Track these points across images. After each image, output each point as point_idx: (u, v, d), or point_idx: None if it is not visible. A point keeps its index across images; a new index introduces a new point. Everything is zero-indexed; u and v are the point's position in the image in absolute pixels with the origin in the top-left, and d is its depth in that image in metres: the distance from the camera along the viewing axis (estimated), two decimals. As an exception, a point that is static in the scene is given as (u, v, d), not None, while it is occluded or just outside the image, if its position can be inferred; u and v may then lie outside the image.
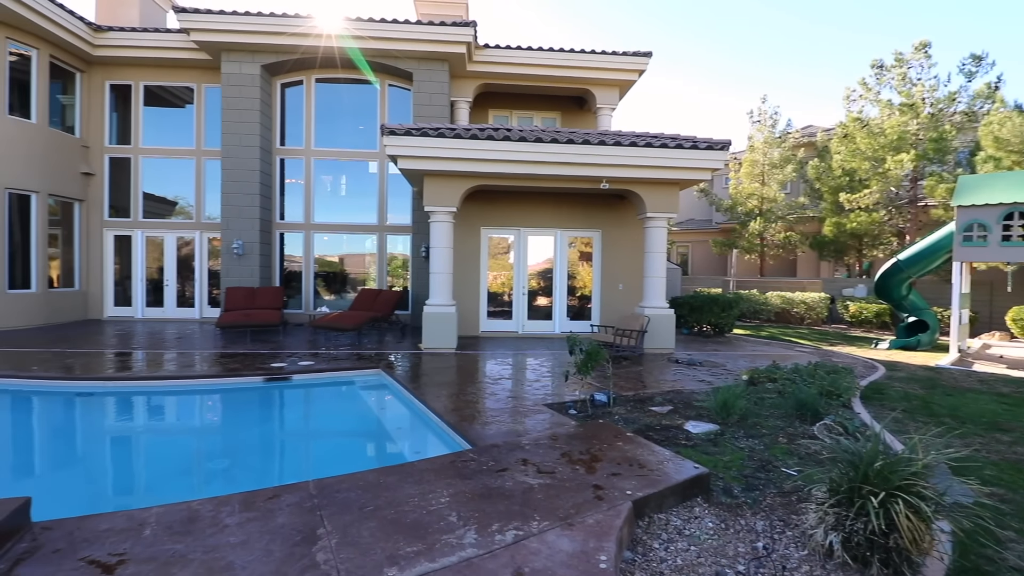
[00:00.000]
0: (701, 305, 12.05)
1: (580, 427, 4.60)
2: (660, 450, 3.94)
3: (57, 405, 6.55)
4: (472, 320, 10.96)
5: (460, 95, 13.12)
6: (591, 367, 5.32)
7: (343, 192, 13.53)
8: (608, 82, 13.36)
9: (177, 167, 13.22)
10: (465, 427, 4.71)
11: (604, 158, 8.89)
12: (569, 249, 11.37)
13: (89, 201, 12.86)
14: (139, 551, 2.49)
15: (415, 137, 8.54)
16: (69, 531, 2.67)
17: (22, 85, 11.22)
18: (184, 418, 6.68)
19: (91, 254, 12.91)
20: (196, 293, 13.24)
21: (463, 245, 10.79)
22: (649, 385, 6.69)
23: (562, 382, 6.64)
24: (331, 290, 13.57)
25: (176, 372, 7.21)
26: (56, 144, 11.89)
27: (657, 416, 5.18)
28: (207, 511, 2.90)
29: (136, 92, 12.97)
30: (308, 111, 13.07)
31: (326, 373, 7.43)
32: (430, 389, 6.25)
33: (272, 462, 5.30)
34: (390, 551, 2.49)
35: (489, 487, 3.23)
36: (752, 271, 24.02)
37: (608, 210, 11.22)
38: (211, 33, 11.55)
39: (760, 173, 20.78)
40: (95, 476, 4.88)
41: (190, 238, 13.26)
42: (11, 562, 2.39)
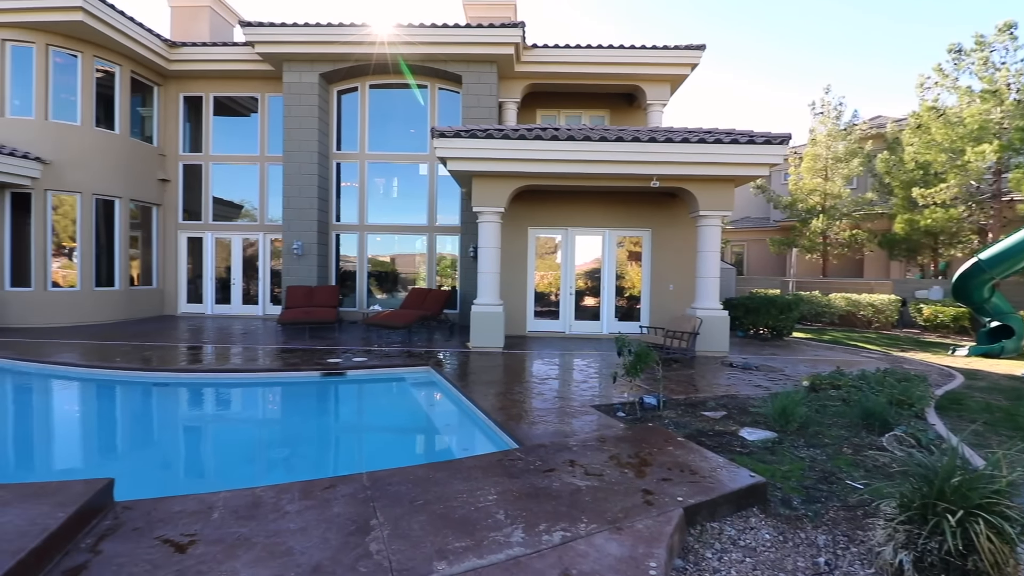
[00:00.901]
0: (757, 307, 11.57)
1: (628, 430, 4.53)
2: (713, 456, 3.82)
3: (136, 394, 7.11)
4: (519, 320, 11.01)
5: (508, 96, 13.19)
6: (640, 369, 5.23)
7: (395, 194, 13.93)
8: (658, 77, 13.05)
9: (243, 172, 14.05)
10: (512, 426, 4.75)
11: (654, 155, 8.70)
12: (617, 249, 11.20)
13: (165, 205, 13.88)
14: (208, 533, 2.66)
15: (464, 139, 8.67)
16: (147, 511, 2.90)
17: (107, 99, 12.24)
18: (248, 409, 7.10)
19: (167, 255, 13.93)
20: (259, 291, 14.02)
21: (510, 245, 10.86)
22: (701, 389, 6.50)
23: (610, 384, 6.56)
24: (383, 289, 14.00)
25: (241, 366, 7.66)
26: (136, 153, 12.90)
27: (710, 421, 5.03)
28: (269, 497, 3.07)
29: (207, 103, 13.88)
30: (362, 116, 13.53)
31: (378, 369, 7.68)
32: (478, 387, 6.34)
33: (327, 453, 5.54)
34: (439, 545, 2.55)
35: (536, 487, 3.24)
36: (814, 271, 22.80)
37: (658, 208, 10.97)
38: (273, 45, 12.18)
39: (823, 168, 19.68)
40: (169, 460, 5.27)
41: (254, 239, 14.05)
42: (96, 537, 2.62)
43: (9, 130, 10.92)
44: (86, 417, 6.61)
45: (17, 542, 2.32)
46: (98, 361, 7.65)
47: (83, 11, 10.52)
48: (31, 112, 11.14)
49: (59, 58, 11.36)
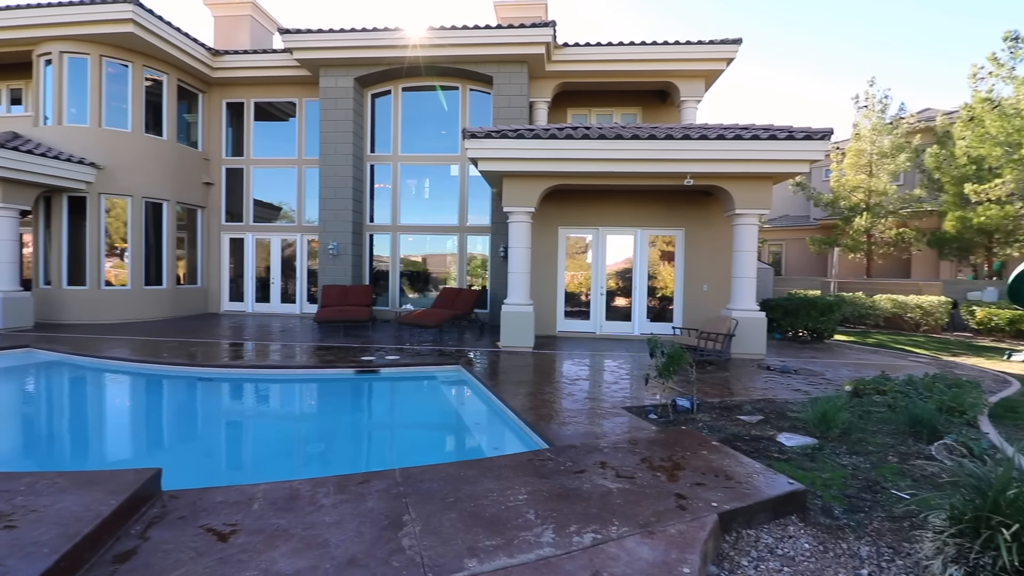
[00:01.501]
0: (797, 308, 11.19)
1: (661, 433, 4.46)
2: (749, 462, 3.72)
3: (181, 388, 7.43)
4: (549, 320, 10.98)
5: (539, 96, 13.17)
6: (673, 371, 5.13)
7: (426, 195, 14.10)
8: (693, 73, 12.78)
9: (281, 175, 14.50)
10: (542, 426, 4.74)
11: (688, 153, 8.53)
12: (650, 248, 11.03)
13: (209, 208, 14.46)
14: (248, 523, 2.76)
15: (495, 139, 8.70)
16: (191, 500, 3.02)
17: (155, 106, 12.83)
18: (286, 404, 7.32)
19: (210, 255, 14.51)
20: (297, 290, 14.44)
21: (541, 245, 10.84)
22: (737, 392, 6.33)
23: (642, 385, 6.47)
24: (415, 288, 14.20)
25: (280, 362, 7.90)
26: (183, 158, 13.47)
27: (746, 426, 4.89)
28: (306, 491, 3.15)
29: (247, 109, 14.38)
30: (395, 119, 13.76)
31: (410, 368, 7.80)
32: (508, 387, 6.35)
33: (361, 448, 5.66)
34: (470, 543, 2.57)
35: (567, 488, 3.23)
36: (857, 271, 21.90)
37: (692, 207, 10.75)
38: (311, 51, 12.52)
39: (867, 163, 18.86)
40: (211, 452, 5.49)
41: (292, 240, 14.48)
42: (145, 524, 2.75)
43: (66, 137, 11.57)
44: (135, 409, 6.95)
45: (73, 526, 2.46)
46: (147, 356, 8.03)
47: (133, 23, 11.07)
48: (86, 120, 11.78)
49: (111, 68, 11.97)
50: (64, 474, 3.09)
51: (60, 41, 11.52)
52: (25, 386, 7.63)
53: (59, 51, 11.57)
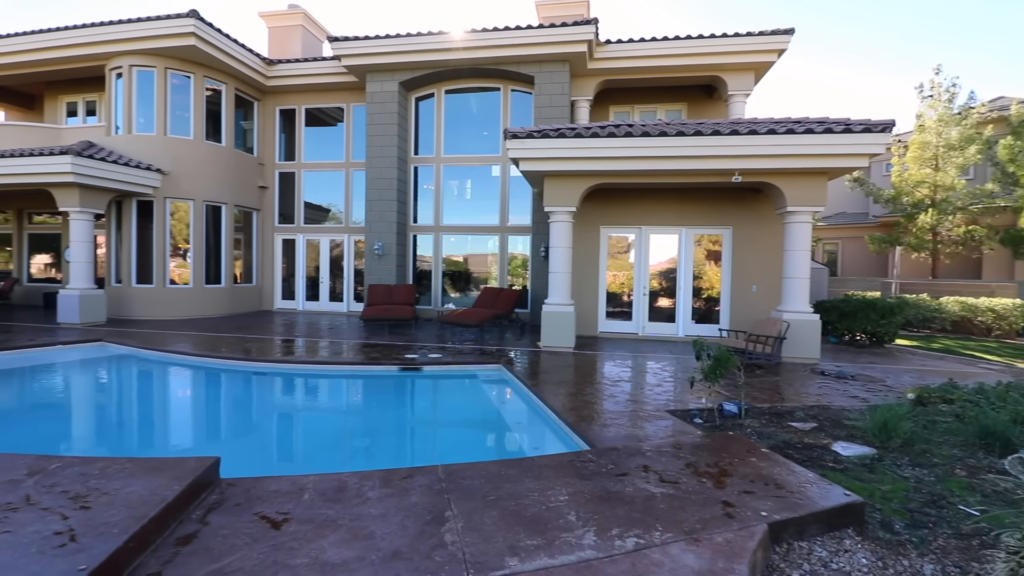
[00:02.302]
0: (854, 310, 10.62)
1: (707, 438, 4.33)
2: (801, 471, 3.55)
3: (237, 381, 7.82)
4: (590, 320, 10.88)
5: (580, 94, 13.06)
6: (720, 374, 4.98)
7: (468, 196, 14.26)
8: (741, 66, 12.35)
9: (330, 178, 15.03)
10: (583, 427, 4.70)
11: (737, 149, 8.25)
12: (695, 248, 10.74)
13: (263, 210, 15.15)
14: (299, 512, 2.87)
15: (536, 139, 8.70)
16: (247, 489, 3.17)
17: (214, 115, 13.55)
18: (333, 398, 7.57)
19: (264, 255, 15.20)
20: (344, 289, 14.93)
21: (582, 245, 10.75)
22: (788, 398, 6.07)
23: (686, 388, 6.31)
24: (456, 288, 14.39)
25: (328, 358, 8.19)
26: (240, 163, 14.17)
27: (798, 433, 4.69)
28: (353, 483, 3.25)
29: (299, 115, 14.98)
30: (438, 121, 13.99)
31: (452, 366, 7.91)
32: (548, 387, 6.34)
33: (404, 444, 5.78)
34: (511, 541, 2.58)
35: (608, 490, 3.19)
36: (921, 272, 20.56)
37: (740, 205, 10.39)
38: (358, 57, 12.90)
39: (932, 156, 17.66)
40: (264, 442, 5.75)
41: (340, 241, 14.97)
42: (205, 510, 2.91)
43: (135, 145, 12.40)
44: (196, 401, 7.38)
45: (140, 509, 2.63)
46: (207, 351, 8.50)
47: (195, 36, 11.74)
48: (153, 129, 12.58)
49: (175, 79, 12.73)
50: (133, 460, 3.31)
51: (130, 55, 12.36)
52: (98, 377, 8.23)
53: (129, 65, 12.41)
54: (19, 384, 7.65)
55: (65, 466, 3.19)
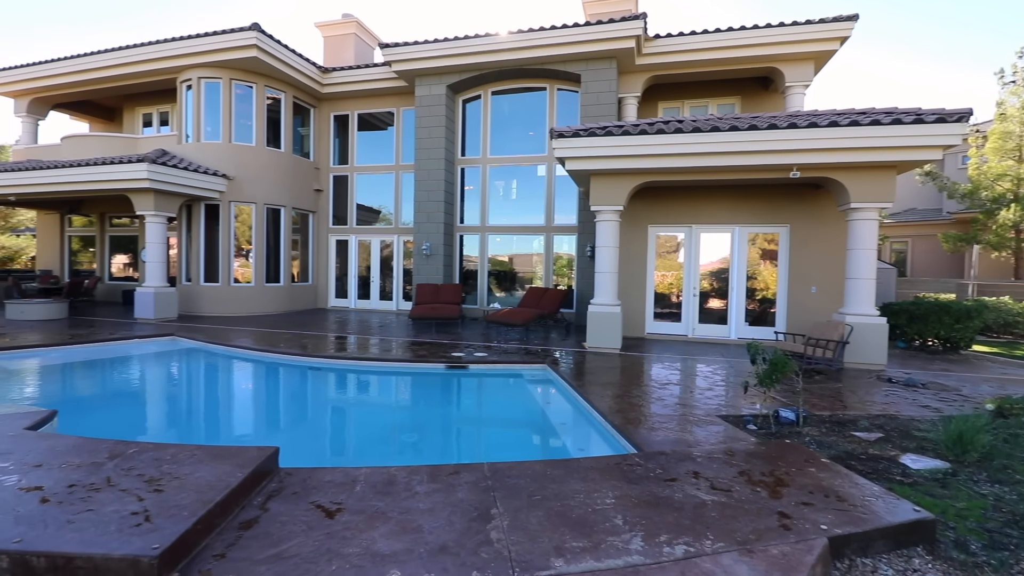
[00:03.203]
0: (925, 313, 9.89)
1: (761, 445, 4.16)
2: (865, 483, 3.35)
3: (294, 375, 8.19)
4: (637, 321, 10.67)
5: (628, 91, 12.84)
6: (776, 379, 4.77)
7: (513, 196, 14.32)
8: (800, 56, 11.76)
9: (380, 181, 15.49)
10: (630, 430, 4.62)
11: (795, 143, 7.85)
12: (749, 247, 10.32)
13: (319, 212, 15.80)
14: (351, 503, 2.98)
15: (582, 138, 8.61)
16: (303, 478, 3.32)
17: (274, 122, 14.25)
18: (382, 394, 7.80)
19: (319, 255, 15.85)
20: (394, 288, 15.35)
21: (629, 244, 10.56)
22: (851, 406, 5.74)
23: (740, 393, 6.08)
24: (502, 287, 14.48)
25: (378, 355, 8.44)
26: (297, 167, 14.84)
27: (861, 443, 4.42)
28: (402, 477, 3.34)
29: (352, 120, 15.53)
30: (484, 122, 14.12)
31: (497, 365, 7.96)
32: (594, 388, 6.27)
33: (450, 440, 5.88)
34: (556, 542, 2.57)
35: (656, 495, 3.12)
36: (1002, 272, 18.88)
37: (798, 201, 9.90)
38: (407, 62, 13.22)
39: (1016, 147, 16.18)
40: (317, 434, 5.98)
41: (389, 241, 15.40)
42: (265, 497, 3.06)
43: (204, 153, 13.22)
44: (256, 393, 7.78)
45: (207, 494, 2.80)
46: (266, 346, 8.95)
47: (256, 47, 12.38)
48: (219, 136, 13.37)
49: (239, 90, 13.48)
50: (201, 447, 3.53)
51: (198, 68, 13.18)
52: (170, 369, 8.83)
53: (197, 77, 13.24)
54: (101, 374, 8.33)
55: (141, 451, 3.45)
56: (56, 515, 2.56)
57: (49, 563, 2.23)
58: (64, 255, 17.58)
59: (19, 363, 8.21)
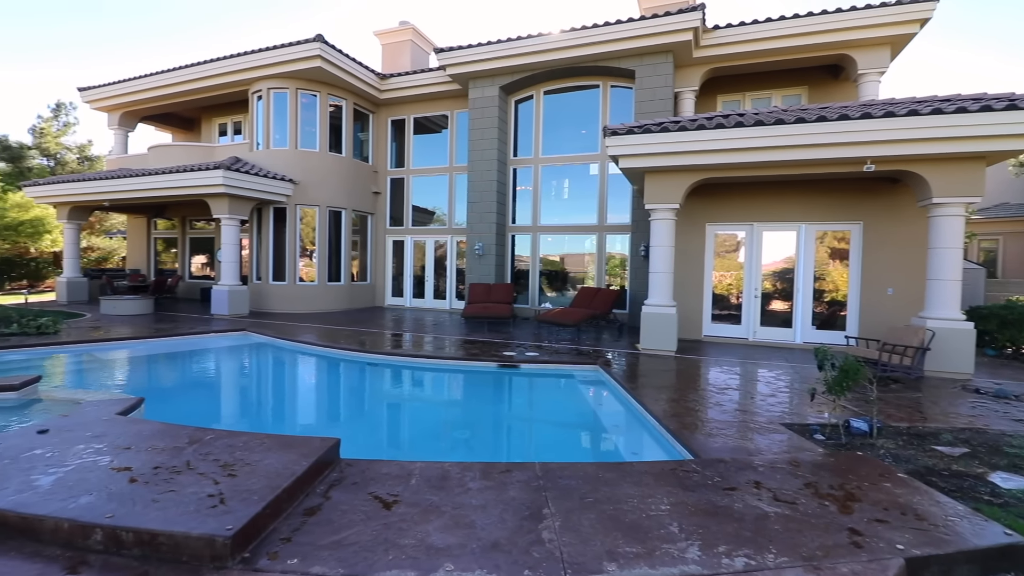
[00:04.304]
0: (1019, 318, 8.99)
1: (830, 456, 3.93)
2: (948, 502, 3.09)
3: (353, 370, 8.53)
4: (694, 323, 10.32)
5: (685, 85, 12.45)
6: (847, 387, 4.48)
7: (565, 195, 14.24)
8: (875, 41, 10.97)
9: (435, 183, 15.85)
10: (686, 435, 4.48)
11: (869, 134, 7.34)
12: (816, 245, 9.74)
13: (376, 214, 16.37)
14: (407, 496, 3.07)
15: (637, 135, 8.44)
16: (362, 470, 3.45)
17: (335, 128, 14.88)
18: (435, 391, 7.98)
19: (377, 255, 16.43)
20: (447, 287, 15.67)
21: (685, 243, 10.24)
22: (932, 418, 5.30)
23: (806, 401, 5.76)
24: (553, 287, 14.44)
25: (432, 353, 8.64)
26: (357, 171, 15.44)
27: (944, 458, 4.08)
28: (455, 473, 3.41)
29: (408, 124, 15.99)
30: (537, 122, 14.13)
31: (549, 365, 7.95)
32: (648, 391, 6.13)
33: (501, 438, 5.93)
34: (609, 546, 2.54)
35: (715, 504, 3.01)
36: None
37: (872, 197, 9.25)
38: (461, 65, 13.44)
39: None
40: (374, 427, 6.20)
41: (443, 241, 15.73)
42: (328, 485, 3.21)
43: (272, 159, 14.02)
44: (318, 386, 8.17)
45: (276, 480, 2.98)
46: (328, 342, 9.38)
47: (320, 58, 12.99)
48: (286, 143, 14.14)
49: (304, 99, 14.19)
50: (269, 436, 3.75)
51: (267, 79, 13.99)
52: (241, 362, 9.43)
53: (267, 88, 14.06)
54: (181, 365, 9.02)
55: (217, 438, 3.71)
56: (143, 494, 2.80)
57: (136, 538, 2.45)
58: (150, 255, 19.17)
59: (111, 354, 9.04)
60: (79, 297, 16.05)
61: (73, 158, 30.57)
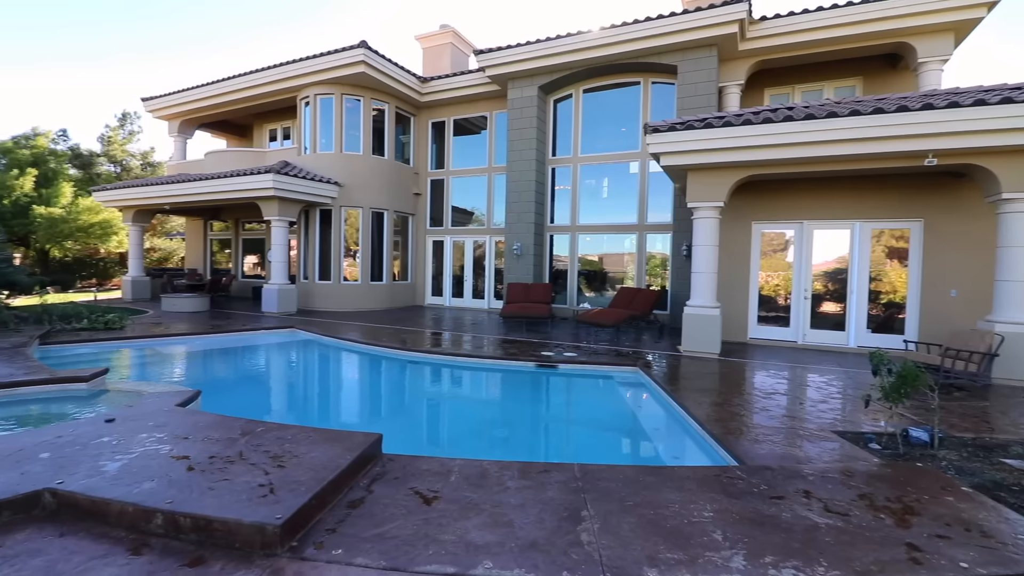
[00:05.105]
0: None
1: (886, 467, 3.73)
2: (1019, 519, 2.88)
3: (394, 368, 8.73)
4: (739, 325, 10.00)
5: (730, 79, 12.07)
6: (905, 394, 4.23)
7: (604, 194, 14.08)
8: (937, 28, 10.31)
9: (474, 183, 16.01)
10: (730, 440, 4.35)
11: (931, 126, 6.90)
12: (872, 244, 9.26)
13: (417, 215, 16.69)
14: (447, 492, 3.11)
15: (679, 132, 8.25)
16: (403, 465, 3.53)
17: (378, 131, 15.26)
18: (474, 389, 8.05)
19: (418, 255, 16.75)
20: (485, 287, 15.80)
21: (730, 242, 9.93)
22: (1001, 428, 4.94)
23: (859, 408, 5.48)
24: (592, 287, 14.31)
25: (471, 352, 8.73)
26: (399, 173, 15.79)
27: (1014, 472, 3.79)
28: (494, 471, 3.43)
29: (448, 126, 16.22)
30: (576, 122, 14.04)
31: (587, 366, 7.89)
32: (690, 394, 5.99)
33: (538, 438, 5.93)
34: (649, 551, 2.50)
35: (761, 513, 2.92)
36: None
37: (934, 193, 8.71)
38: (500, 66, 13.52)
39: None
40: (414, 424, 6.32)
41: (482, 242, 15.87)
42: (370, 479, 3.30)
43: (320, 162, 14.52)
44: (361, 382, 8.41)
45: (322, 473, 3.08)
46: (370, 340, 9.63)
47: (364, 63, 13.36)
48: (332, 147, 14.61)
49: (348, 104, 14.62)
50: (316, 430, 3.89)
51: (315, 86, 14.50)
52: (289, 358, 9.81)
53: (314, 94, 14.56)
54: (234, 360, 9.47)
55: (267, 430, 3.88)
56: (199, 482, 2.96)
57: (193, 523, 2.59)
58: (206, 256, 20.22)
59: (171, 348, 9.59)
60: (142, 295, 17.12)
61: (137, 164, 32.61)
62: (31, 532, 2.62)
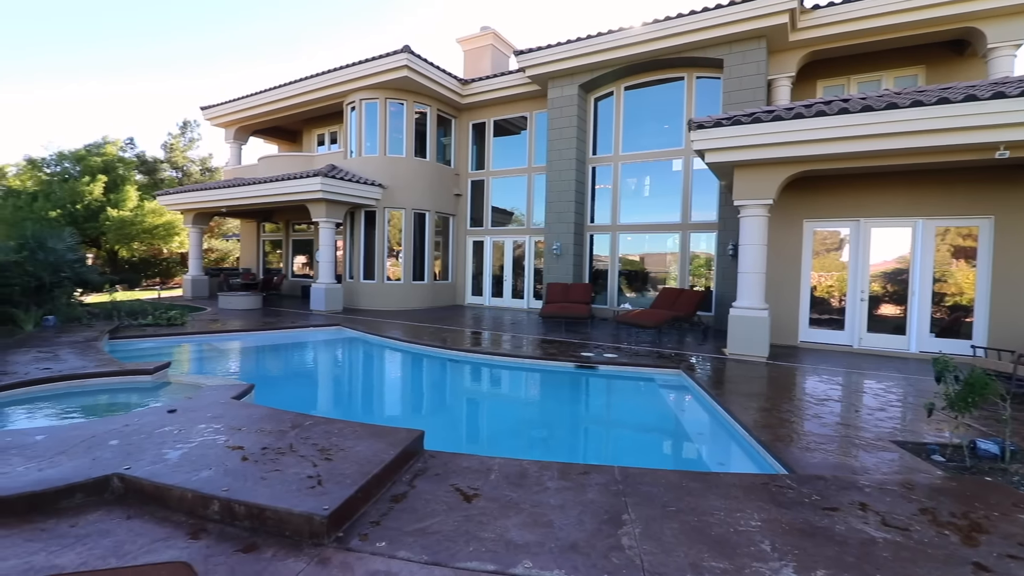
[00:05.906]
0: None
1: (951, 480, 3.50)
2: (1109, 543, 2.64)
3: (435, 366, 8.87)
4: (789, 327, 9.60)
5: (779, 71, 11.61)
6: (973, 403, 3.96)
7: (646, 193, 13.82)
8: (1009, 10, 9.55)
9: (513, 184, 16.06)
10: (780, 448, 4.19)
11: (1003, 116, 6.41)
12: (936, 243, 8.69)
13: (458, 215, 16.90)
14: (487, 490, 3.15)
15: (725, 127, 8.00)
16: (444, 462, 3.59)
17: (420, 134, 15.55)
18: (513, 389, 8.08)
19: (458, 255, 16.96)
20: (525, 287, 15.82)
21: (779, 241, 9.55)
22: (1086, 442, 4.54)
23: (922, 417, 5.17)
24: (632, 288, 14.08)
25: (511, 351, 8.76)
26: (440, 174, 16.04)
27: (1103, 491, 3.47)
28: (533, 471, 3.44)
29: (488, 127, 16.34)
30: (616, 120, 13.85)
31: (628, 367, 7.77)
32: (736, 398, 5.80)
33: (578, 440, 5.89)
34: (693, 559, 2.44)
35: (812, 524, 2.80)
36: None
37: (1007, 187, 8.08)
38: (541, 66, 13.50)
39: None
40: (454, 422, 6.40)
41: (521, 241, 15.90)
42: (412, 475, 3.37)
43: (365, 165, 14.93)
44: (403, 379, 8.59)
45: (366, 467, 3.17)
46: (413, 339, 9.83)
47: (407, 68, 13.64)
48: (376, 151, 15.00)
49: (392, 107, 14.96)
50: (361, 425, 4.01)
51: (360, 91, 14.92)
52: (336, 354, 10.14)
53: (360, 99, 14.99)
54: (284, 355, 9.87)
55: (316, 424, 4.03)
56: (253, 471, 3.11)
57: (247, 511, 2.72)
58: (259, 256, 21.17)
59: (227, 344, 10.10)
60: (201, 293, 18.08)
61: (196, 169, 34.55)
62: (102, 514, 2.83)
